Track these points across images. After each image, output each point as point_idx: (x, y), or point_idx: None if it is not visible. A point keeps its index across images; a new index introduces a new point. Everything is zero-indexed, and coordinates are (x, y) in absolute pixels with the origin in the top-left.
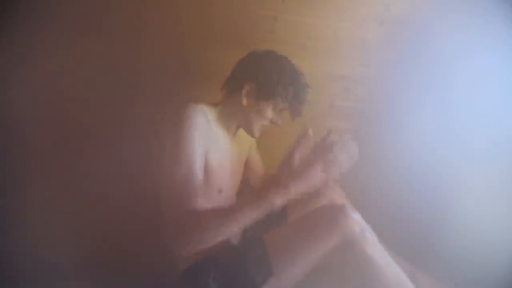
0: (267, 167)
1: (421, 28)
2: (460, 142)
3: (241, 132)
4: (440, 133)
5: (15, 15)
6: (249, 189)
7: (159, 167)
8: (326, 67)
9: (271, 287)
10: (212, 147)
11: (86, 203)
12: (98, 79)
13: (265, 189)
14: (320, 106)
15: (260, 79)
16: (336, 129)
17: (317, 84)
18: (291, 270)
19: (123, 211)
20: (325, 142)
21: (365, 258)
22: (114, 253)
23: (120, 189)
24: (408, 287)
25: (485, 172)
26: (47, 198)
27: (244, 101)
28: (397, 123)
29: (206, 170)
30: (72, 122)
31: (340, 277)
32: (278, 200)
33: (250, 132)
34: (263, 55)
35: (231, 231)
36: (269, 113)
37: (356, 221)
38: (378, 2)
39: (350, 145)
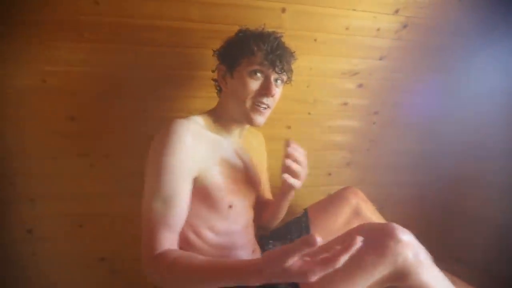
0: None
1: (442, 13)
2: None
3: (253, 137)
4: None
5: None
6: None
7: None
8: (339, 62)
9: None
10: (213, 161)
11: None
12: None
13: (242, 266)
14: (333, 104)
15: (224, 51)
16: (348, 129)
17: (330, 81)
18: None
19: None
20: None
21: (422, 286)
22: None
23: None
24: None
25: None
26: None
27: (224, 85)
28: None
29: (211, 187)
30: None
31: None
32: (253, 281)
33: (249, 120)
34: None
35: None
36: (250, 82)
37: (408, 244)
38: None
39: None
